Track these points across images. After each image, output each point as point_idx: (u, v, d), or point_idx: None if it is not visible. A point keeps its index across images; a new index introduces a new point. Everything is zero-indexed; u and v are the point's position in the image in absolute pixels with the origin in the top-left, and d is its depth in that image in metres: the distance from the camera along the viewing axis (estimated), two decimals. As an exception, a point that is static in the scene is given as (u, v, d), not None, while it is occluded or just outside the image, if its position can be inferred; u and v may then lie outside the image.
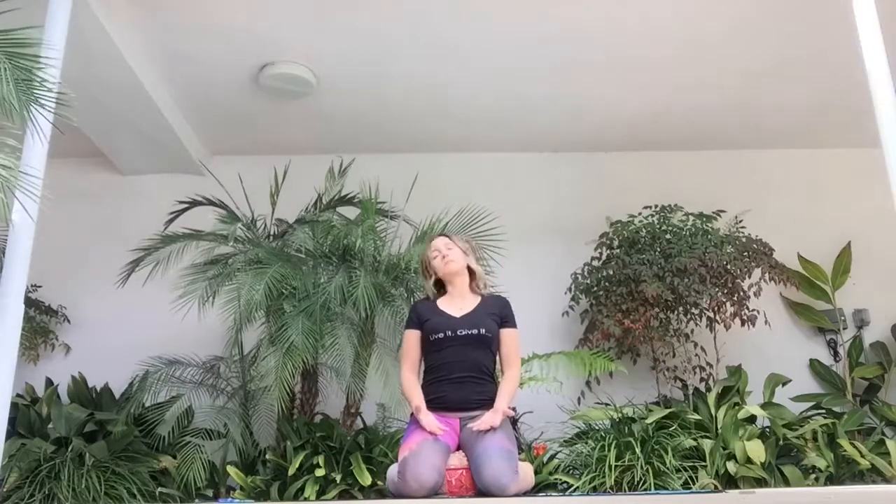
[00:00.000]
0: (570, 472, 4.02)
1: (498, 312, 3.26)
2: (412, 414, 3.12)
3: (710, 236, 4.71)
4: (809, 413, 4.66)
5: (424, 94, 4.84)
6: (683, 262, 4.48)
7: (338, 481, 3.80)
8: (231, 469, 4.08)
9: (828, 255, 5.21)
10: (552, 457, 4.18)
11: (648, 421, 4.07)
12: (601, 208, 5.11)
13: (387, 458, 3.97)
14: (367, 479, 3.78)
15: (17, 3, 2.70)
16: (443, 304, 3.29)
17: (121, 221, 5.19)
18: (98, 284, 4.80)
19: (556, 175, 5.52)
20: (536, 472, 3.99)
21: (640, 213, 4.97)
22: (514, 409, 3.26)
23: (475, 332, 3.14)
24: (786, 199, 5.42)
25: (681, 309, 4.62)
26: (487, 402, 3.08)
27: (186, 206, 4.50)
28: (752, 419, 4.19)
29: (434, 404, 3.10)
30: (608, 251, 4.85)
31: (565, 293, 4.88)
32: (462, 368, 3.12)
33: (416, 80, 4.67)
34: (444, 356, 3.15)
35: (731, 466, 3.94)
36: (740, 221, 4.93)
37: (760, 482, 3.93)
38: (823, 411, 4.66)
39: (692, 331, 4.73)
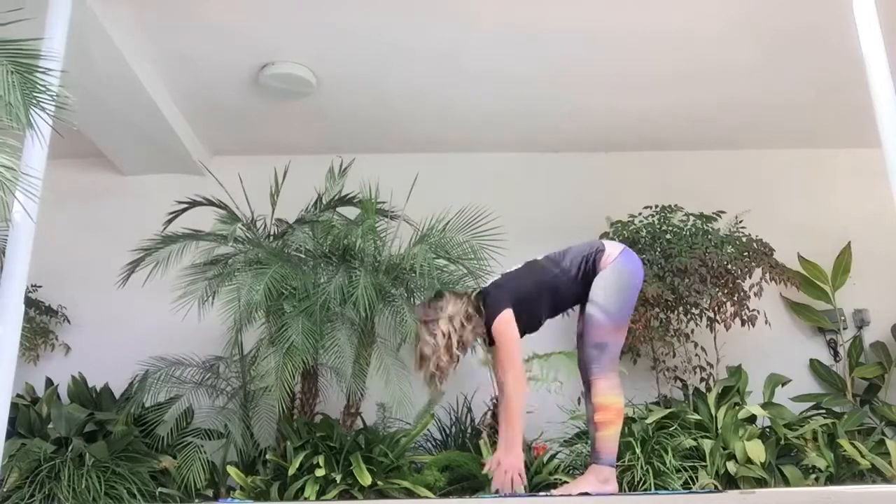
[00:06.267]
0: (570, 472, 4.02)
1: None
2: None
3: (710, 236, 4.71)
4: (809, 413, 4.66)
5: (424, 94, 4.84)
6: (684, 262, 4.48)
7: (338, 481, 3.80)
8: (231, 469, 4.07)
9: (828, 255, 5.21)
10: (552, 457, 4.18)
11: (648, 421, 4.07)
12: (601, 208, 5.11)
13: (387, 457, 3.97)
14: (367, 479, 3.78)
15: (16, 3, 2.69)
16: None
17: (121, 221, 5.19)
18: (98, 284, 4.79)
19: (556, 175, 5.51)
20: (536, 473, 4.00)
21: (640, 213, 4.97)
22: None
23: None
24: (786, 199, 5.42)
25: (681, 309, 4.62)
26: None
27: (186, 206, 4.50)
28: (752, 419, 4.19)
29: None
30: (608, 251, 4.84)
31: (565, 293, 4.87)
32: None
33: (417, 80, 4.67)
34: None
35: (731, 466, 3.94)
36: (740, 221, 4.93)
37: (760, 482, 3.93)
38: (823, 411, 4.66)
39: (692, 331, 4.73)
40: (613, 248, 3.12)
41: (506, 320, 2.98)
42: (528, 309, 3.09)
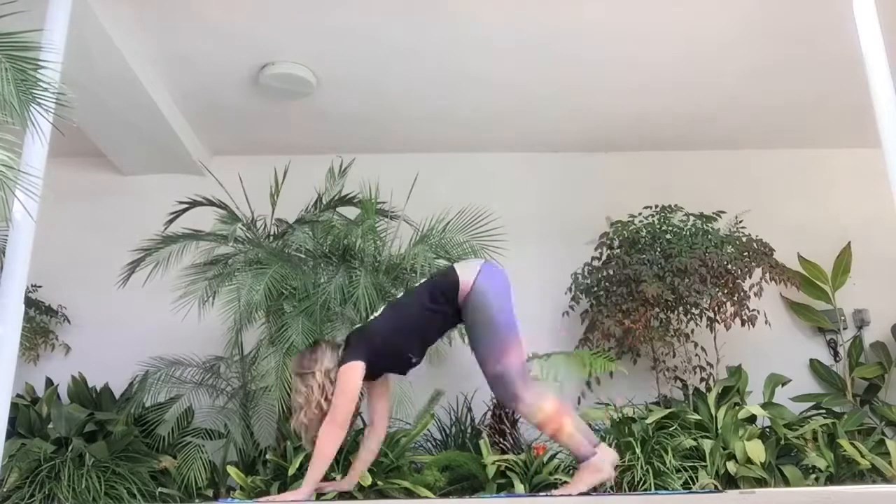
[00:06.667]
0: (570, 472, 4.01)
1: None
2: None
3: (710, 236, 4.71)
4: (809, 413, 4.66)
5: (424, 95, 4.84)
6: (684, 262, 4.48)
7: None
8: (231, 469, 4.07)
9: (828, 255, 5.21)
10: (552, 457, 4.18)
11: (648, 421, 4.07)
12: (601, 208, 5.11)
13: (387, 457, 3.97)
14: (367, 479, 3.77)
15: (17, 3, 2.69)
16: None
17: (121, 221, 5.19)
18: (98, 284, 4.79)
19: (556, 175, 5.52)
20: (536, 473, 4.00)
21: (640, 213, 4.97)
22: None
23: None
24: (786, 199, 5.42)
25: (681, 309, 4.62)
26: None
27: (186, 206, 4.50)
28: (752, 419, 4.19)
29: None
30: (608, 251, 4.85)
31: (565, 293, 4.88)
32: None
33: (416, 80, 4.67)
34: None
35: (731, 466, 3.94)
36: (740, 221, 4.93)
37: (760, 482, 3.93)
38: (823, 411, 4.66)
39: (692, 331, 4.73)
40: (467, 274, 2.93)
41: (350, 371, 2.89)
42: (391, 354, 3.02)
